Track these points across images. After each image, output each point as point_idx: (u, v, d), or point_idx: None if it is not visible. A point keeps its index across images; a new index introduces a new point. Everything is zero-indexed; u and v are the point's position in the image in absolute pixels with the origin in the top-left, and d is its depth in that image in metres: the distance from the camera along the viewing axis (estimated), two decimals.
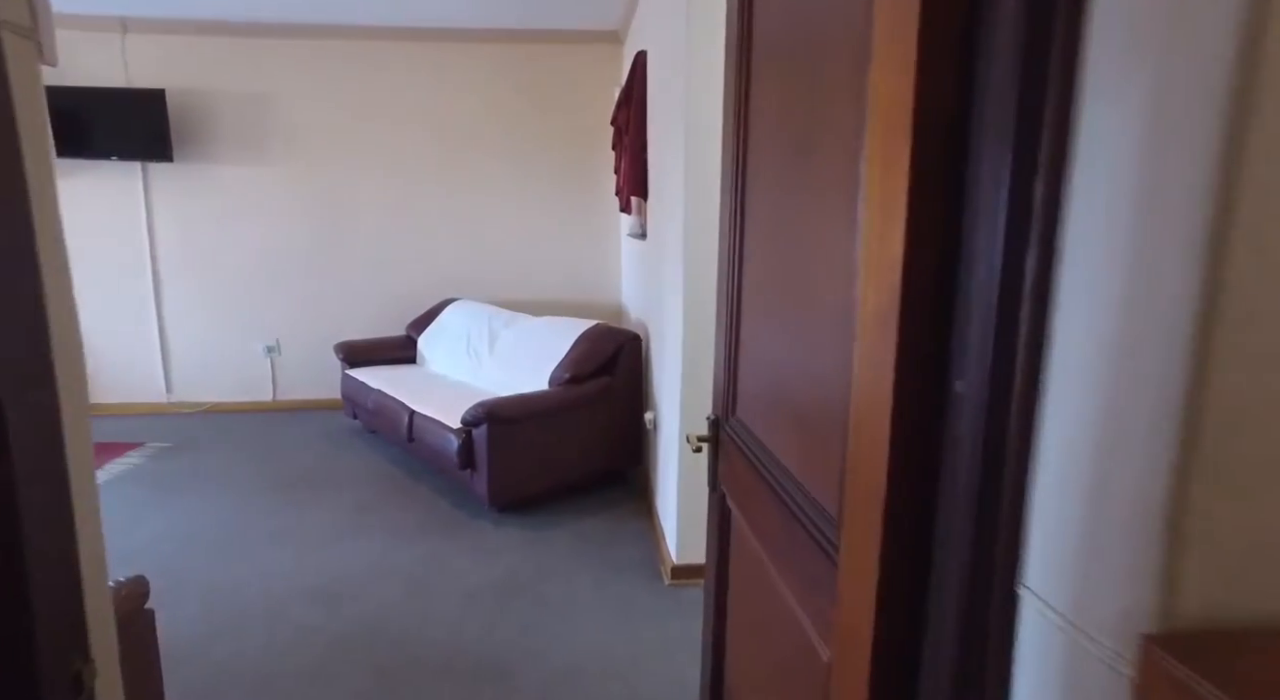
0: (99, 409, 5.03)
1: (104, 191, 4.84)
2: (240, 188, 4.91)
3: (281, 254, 5.01)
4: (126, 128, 4.61)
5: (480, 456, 3.24)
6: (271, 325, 5.08)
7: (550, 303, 5.17)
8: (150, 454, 4.25)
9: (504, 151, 5.03)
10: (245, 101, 4.82)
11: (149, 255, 4.91)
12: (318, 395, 5.15)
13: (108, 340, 4.98)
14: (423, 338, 4.72)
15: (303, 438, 4.55)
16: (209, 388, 5.11)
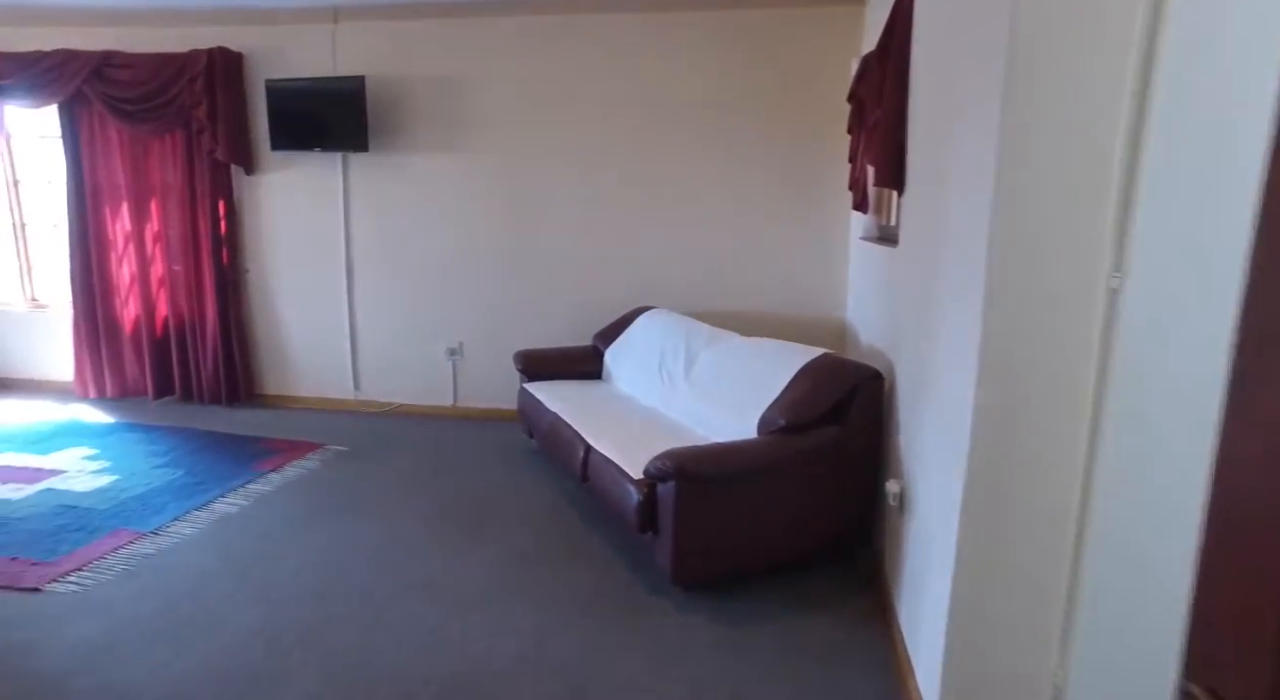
0: (295, 402, 4.99)
1: (308, 183, 4.75)
2: (431, 179, 4.61)
3: (469, 250, 4.65)
4: (329, 117, 4.46)
5: (665, 519, 2.52)
6: (455, 326, 4.75)
7: (758, 317, 4.36)
8: (326, 459, 4.02)
9: (713, 139, 4.29)
10: (439, 86, 4.50)
11: (344, 248, 4.77)
12: (497, 404, 4.75)
13: (307, 333, 4.92)
14: (610, 351, 4.11)
15: (476, 455, 4.13)
16: (394, 387, 4.90)
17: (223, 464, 3.88)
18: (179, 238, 4.78)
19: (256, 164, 4.76)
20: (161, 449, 4.08)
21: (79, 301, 4.93)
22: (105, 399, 5.02)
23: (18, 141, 5.15)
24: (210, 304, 4.78)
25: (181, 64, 4.53)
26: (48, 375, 5.26)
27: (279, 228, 4.82)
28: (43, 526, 3.13)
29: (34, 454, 3.95)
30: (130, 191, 4.79)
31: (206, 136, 4.55)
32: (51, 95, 4.66)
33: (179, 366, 4.94)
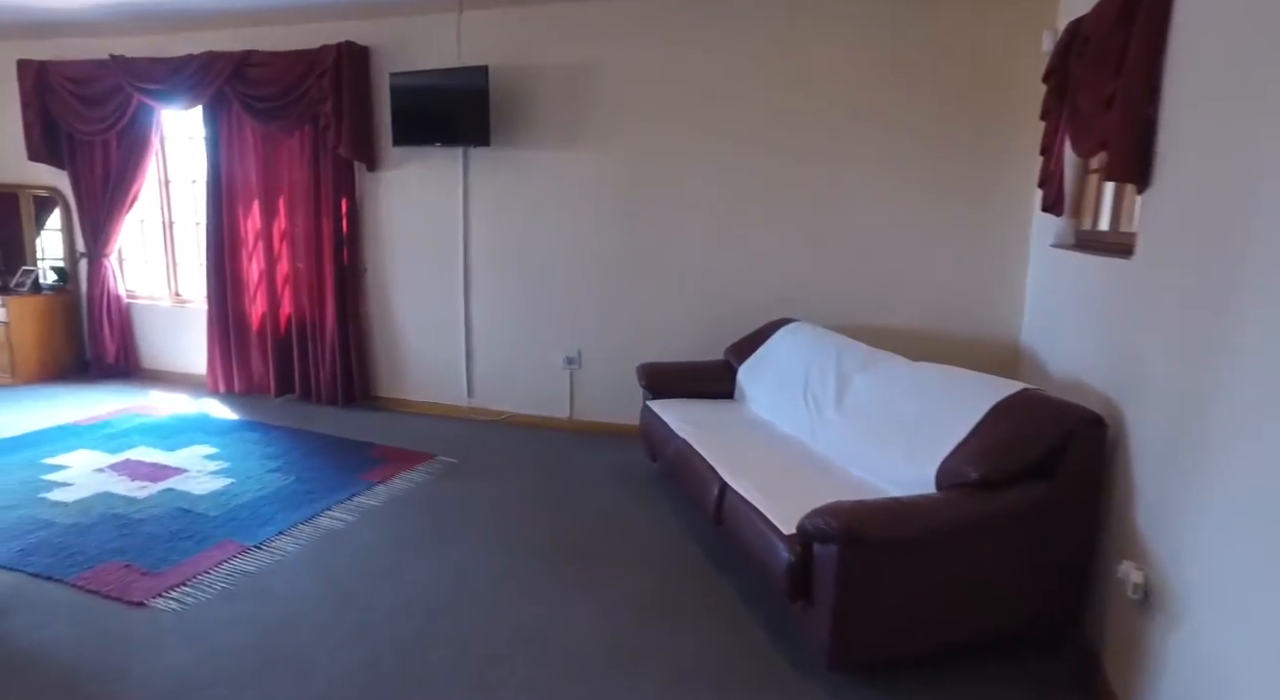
0: (409, 406, 4.85)
1: (428, 180, 4.58)
2: (552, 176, 4.32)
3: (590, 252, 4.33)
4: (451, 110, 4.25)
5: (823, 589, 2.05)
6: (573, 334, 4.44)
7: (912, 335, 3.78)
8: (435, 472, 3.80)
9: (868, 131, 3.75)
10: (564, 77, 4.19)
11: (462, 249, 4.57)
12: (617, 419, 4.41)
13: (422, 336, 4.77)
14: (744, 368, 3.67)
15: (592, 475, 3.79)
16: (507, 396, 4.65)
17: (332, 472, 3.74)
18: (303, 236, 4.74)
19: (378, 160, 4.64)
20: (276, 451, 4.00)
21: (213, 298, 4.99)
22: (233, 394, 5.07)
23: (170, 143, 5.30)
24: (330, 303, 4.71)
25: (311, 60, 4.46)
26: (188, 368, 5.39)
27: (398, 226, 4.69)
28: (158, 531, 3.05)
29: (163, 450, 3.96)
30: (261, 189, 4.80)
31: (331, 133, 4.46)
32: (197, 97, 4.73)
33: (299, 365, 4.91)
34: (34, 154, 5.28)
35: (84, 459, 3.82)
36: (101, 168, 5.18)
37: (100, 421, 4.44)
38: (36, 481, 3.52)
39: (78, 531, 3.03)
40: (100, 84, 4.97)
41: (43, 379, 5.35)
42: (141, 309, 5.52)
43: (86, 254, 5.38)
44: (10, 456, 3.83)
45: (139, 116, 4.98)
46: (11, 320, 5.19)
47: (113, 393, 5.10)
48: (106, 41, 5.02)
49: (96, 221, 5.26)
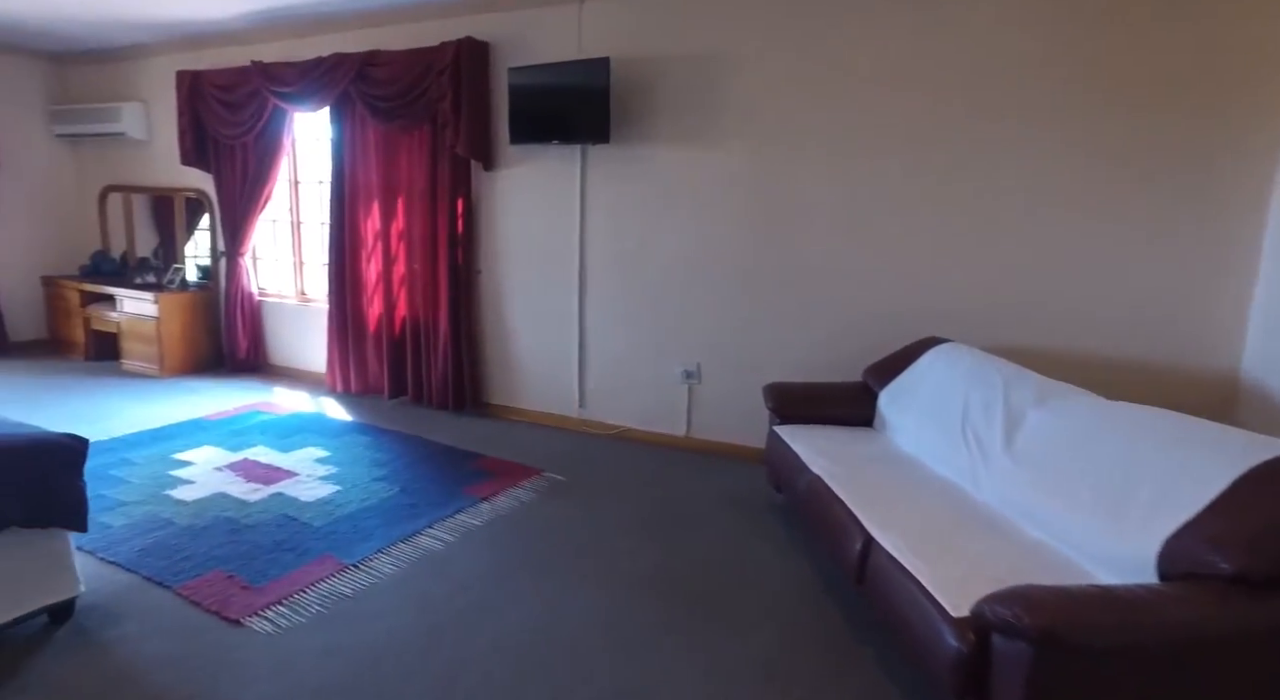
0: (518, 415, 4.68)
1: (545, 180, 4.38)
2: (674, 175, 4.00)
3: (713, 258, 3.98)
4: (569, 105, 4.01)
5: (1006, 694, 1.61)
6: (693, 345, 4.11)
7: (1094, 362, 3.19)
8: (541, 490, 3.58)
9: (1043, 126, 3.18)
10: (689, 68, 3.86)
11: (578, 252, 4.34)
12: (737, 440, 4.04)
13: (534, 342, 4.58)
14: (887, 393, 3.21)
15: (710, 504, 3.44)
16: (620, 409, 4.38)
17: (437, 484, 3.59)
18: (419, 236, 4.67)
19: (495, 159, 4.49)
20: (384, 458, 3.91)
21: (333, 297, 5.04)
22: (349, 394, 5.10)
23: (300, 145, 5.42)
24: (443, 306, 4.61)
25: (431, 58, 4.37)
26: (310, 366, 5.49)
27: (513, 228, 4.52)
28: (263, 540, 2.98)
29: (278, 451, 3.97)
30: (380, 190, 4.78)
31: (449, 131, 4.35)
32: (324, 98, 4.76)
33: (412, 368, 4.86)
34: (185, 158, 5.53)
35: (207, 456, 3.87)
36: (240, 170, 5.35)
37: (227, 417, 4.55)
38: (164, 477, 3.58)
39: (191, 534, 3.01)
40: (241, 90, 5.12)
41: (184, 372, 5.60)
42: (271, 306, 5.68)
43: (225, 253, 5.59)
44: (148, 449, 3.95)
45: (273, 120, 5.09)
46: (161, 315, 5.46)
47: (242, 388, 5.25)
48: (248, 48, 5.17)
49: (234, 221, 5.45)
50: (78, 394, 5.01)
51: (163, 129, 5.82)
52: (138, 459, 3.81)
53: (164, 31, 5.28)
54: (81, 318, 5.95)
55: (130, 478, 3.57)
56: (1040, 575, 1.87)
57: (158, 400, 4.89)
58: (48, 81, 6.33)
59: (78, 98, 6.27)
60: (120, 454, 3.87)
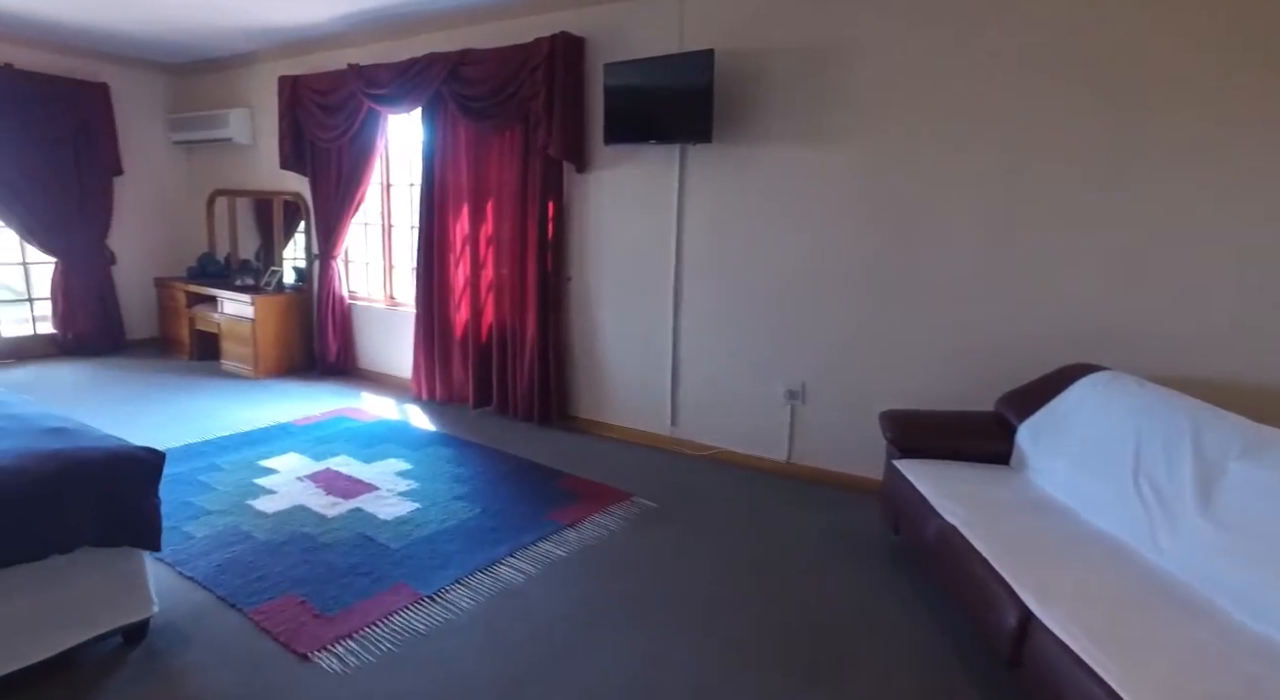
0: (607, 430, 4.44)
1: (640, 182, 4.12)
2: (781, 178, 3.66)
3: (823, 268, 3.61)
4: (669, 102, 3.74)
5: None
6: (798, 363, 3.75)
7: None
8: (631, 518, 3.31)
9: (1235, 112, 2.68)
10: (800, 60, 3.51)
11: (673, 259, 4.05)
12: (846, 469, 3.66)
13: (625, 354, 4.33)
14: (1028, 427, 2.77)
15: (817, 542, 3.09)
16: (715, 429, 4.07)
17: (520, 506, 3.38)
18: (508, 240, 4.50)
19: (588, 160, 4.26)
20: (466, 474, 3.74)
21: (420, 302, 4.94)
22: (434, 402, 4.99)
23: (392, 147, 5.37)
24: (531, 313, 4.42)
25: (525, 55, 4.18)
26: (396, 371, 5.43)
27: (605, 232, 4.28)
28: (339, 561, 2.83)
29: (360, 461, 3.86)
30: (470, 193, 4.64)
31: (542, 130, 4.15)
32: (417, 99, 4.67)
33: (497, 377, 4.70)
34: (284, 162, 5.59)
35: (291, 464, 3.80)
36: (334, 173, 5.34)
37: (313, 423, 4.50)
38: (248, 485, 3.51)
39: (269, 550, 2.90)
40: (338, 93, 5.11)
41: (278, 373, 5.65)
42: (360, 309, 5.66)
43: (318, 255, 5.61)
44: (236, 454, 3.92)
45: (367, 122, 5.04)
46: (258, 317, 5.52)
47: (330, 392, 5.23)
48: (346, 52, 5.16)
49: (328, 224, 5.45)
50: (179, 393, 5.10)
51: (265, 134, 5.92)
52: (225, 465, 3.77)
53: (267, 38, 5.34)
54: (187, 318, 6.12)
55: (216, 485, 3.52)
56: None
57: (250, 402, 4.91)
58: (167, 91, 6.57)
59: (192, 106, 6.47)
60: (211, 458, 3.85)
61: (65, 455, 2.14)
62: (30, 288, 6.19)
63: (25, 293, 6.17)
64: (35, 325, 6.15)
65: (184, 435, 4.22)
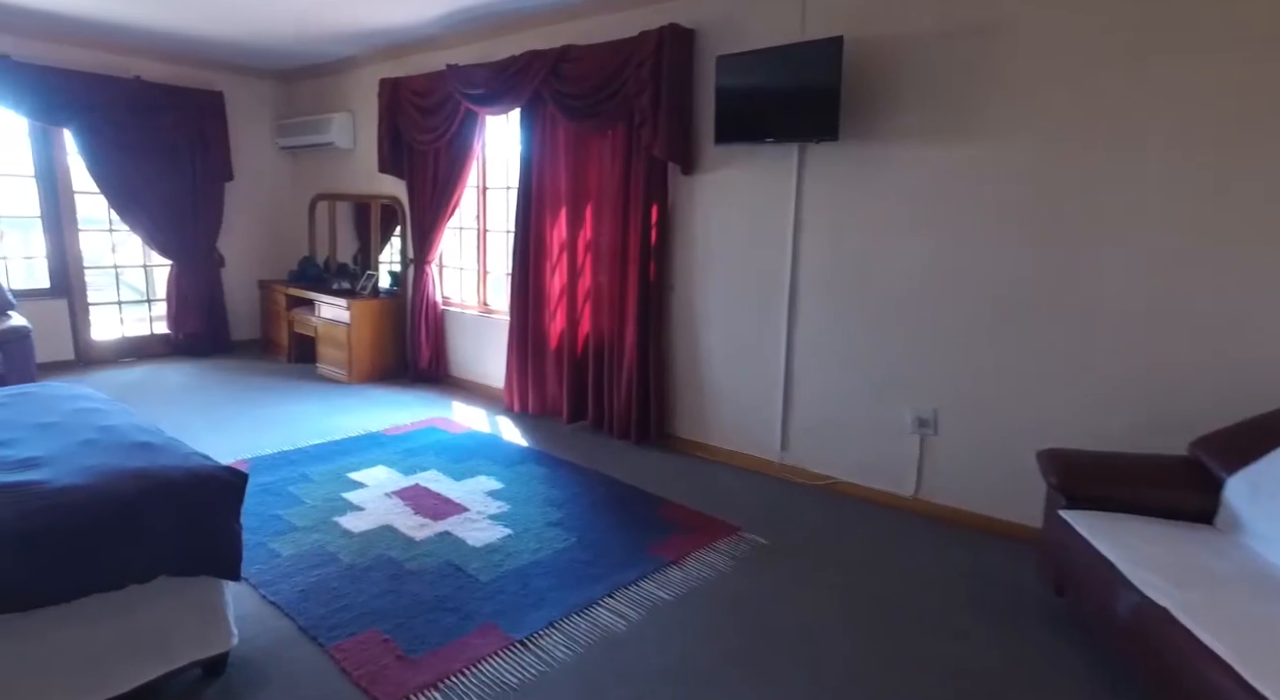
0: (709, 452, 4.11)
1: (753, 185, 3.78)
2: (919, 178, 3.24)
3: (967, 280, 3.17)
4: (789, 97, 3.39)
5: None
6: (930, 387, 3.32)
7: None
8: (740, 556, 2.96)
9: None
10: (944, 46, 3.09)
11: (788, 269, 3.69)
12: (985, 509, 3.20)
13: (731, 371, 3.99)
14: (1242, 479, 2.27)
15: (952, 595, 2.66)
16: (830, 457, 3.67)
17: (619, 537, 3.09)
18: (608, 247, 4.24)
19: (696, 162, 3.96)
20: (559, 497, 3.49)
21: (515, 309, 4.75)
22: (526, 415, 4.79)
23: (489, 150, 5.24)
24: (631, 324, 4.14)
25: (630, 50, 3.92)
26: (488, 381, 5.28)
27: (713, 239, 3.96)
28: (425, 593, 2.61)
29: (450, 478, 3.67)
30: (569, 196, 4.41)
31: (646, 130, 3.87)
32: (515, 99, 4.49)
33: (593, 391, 4.44)
34: (383, 165, 5.54)
35: (380, 477, 3.65)
36: (431, 176, 5.24)
37: (403, 433, 4.37)
38: (336, 500, 3.37)
39: (353, 576, 2.72)
40: (436, 94, 5.00)
41: (370, 379, 5.60)
42: (453, 316, 5.54)
43: (413, 260, 5.53)
44: (325, 464, 3.81)
45: (465, 124, 4.91)
46: (353, 322, 5.49)
47: (421, 400, 5.11)
48: (445, 53, 5.05)
49: (423, 228, 5.36)
50: (275, 396, 5.10)
51: (365, 138, 5.90)
52: (315, 475, 3.66)
53: (368, 41, 5.30)
54: (286, 320, 6.18)
55: (305, 497, 3.40)
56: None
57: (342, 409, 4.85)
58: (275, 98, 6.69)
59: (297, 112, 6.57)
60: (301, 468, 3.75)
61: (147, 475, 2.00)
62: (149, 289, 6.41)
63: (145, 294, 6.40)
64: (152, 325, 6.35)
65: (277, 441, 4.16)
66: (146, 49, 5.72)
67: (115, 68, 5.65)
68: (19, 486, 1.86)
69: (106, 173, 5.65)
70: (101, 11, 4.73)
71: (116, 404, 2.71)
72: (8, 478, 1.92)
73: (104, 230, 6.02)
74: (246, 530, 2.98)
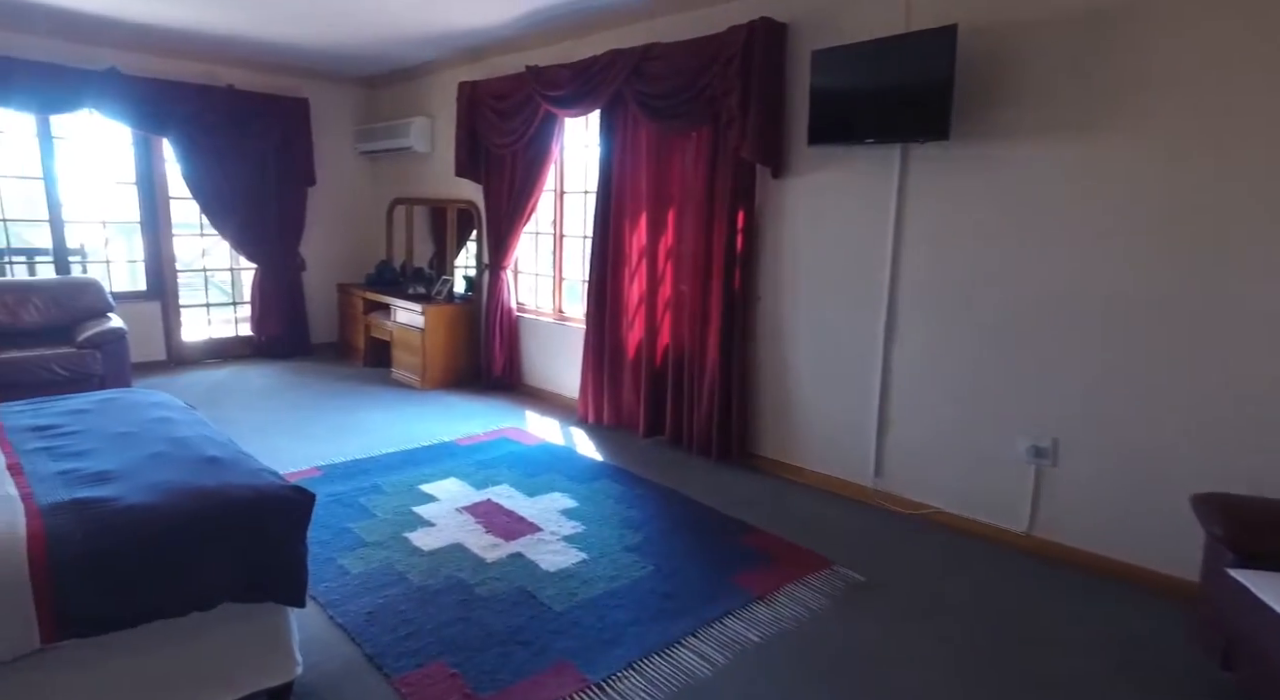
0: (795, 474, 3.84)
1: (849, 189, 3.51)
2: (1040, 181, 2.91)
3: (1094, 294, 2.82)
4: (894, 94, 3.12)
5: None
6: (1049, 414, 2.97)
7: None
8: (834, 594, 2.70)
9: None
10: (1075, 32, 2.76)
11: (887, 281, 3.40)
12: (1113, 552, 2.84)
13: (821, 389, 3.72)
14: None
15: (1079, 648, 2.34)
16: (930, 484, 3.36)
17: (700, 566, 2.87)
18: (690, 254, 4.03)
19: (787, 164, 3.71)
20: (637, 518, 3.29)
21: (591, 317, 4.60)
22: (601, 426, 4.62)
23: (567, 153, 5.12)
24: (714, 335, 3.92)
25: (717, 47, 3.71)
26: (562, 390, 5.14)
27: (803, 247, 3.70)
28: (496, 622, 2.45)
29: (523, 494, 3.53)
30: (650, 200, 4.22)
31: (734, 130, 3.65)
32: (596, 100, 4.34)
33: (672, 404, 4.23)
34: (459, 169, 5.50)
35: (452, 491, 3.54)
36: (508, 180, 5.15)
37: (476, 443, 4.26)
38: (408, 515, 3.27)
39: (422, 599, 2.59)
40: (514, 97, 4.90)
41: (444, 385, 5.55)
42: (528, 323, 5.44)
43: (488, 265, 5.45)
44: (398, 474, 3.73)
45: (544, 126, 4.80)
46: (427, 327, 5.45)
47: (494, 409, 5.01)
48: (524, 55, 4.96)
49: (499, 233, 5.27)
50: (349, 401, 5.09)
51: (443, 142, 5.88)
52: (386, 486, 3.57)
53: (448, 44, 5.26)
54: (363, 324, 6.21)
55: (376, 510, 3.31)
56: None
57: (415, 416, 4.79)
58: (356, 103, 6.77)
59: (377, 117, 6.62)
60: (373, 478, 3.68)
61: (214, 495, 1.89)
62: (236, 292, 6.57)
63: (231, 296, 6.56)
64: (237, 327, 6.50)
65: (350, 448, 4.11)
66: (239, 58, 5.85)
67: (210, 77, 5.79)
68: (88, 504, 1.79)
69: (199, 179, 5.79)
70: (199, 23, 4.83)
71: (190, 413, 2.66)
72: (79, 493, 1.85)
73: (195, 234, 6.19)
74: (316, 543, 2.94)
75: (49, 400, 2.80)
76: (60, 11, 4.67)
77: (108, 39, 5.25)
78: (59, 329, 4.81)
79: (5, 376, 4.26)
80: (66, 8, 4.59)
